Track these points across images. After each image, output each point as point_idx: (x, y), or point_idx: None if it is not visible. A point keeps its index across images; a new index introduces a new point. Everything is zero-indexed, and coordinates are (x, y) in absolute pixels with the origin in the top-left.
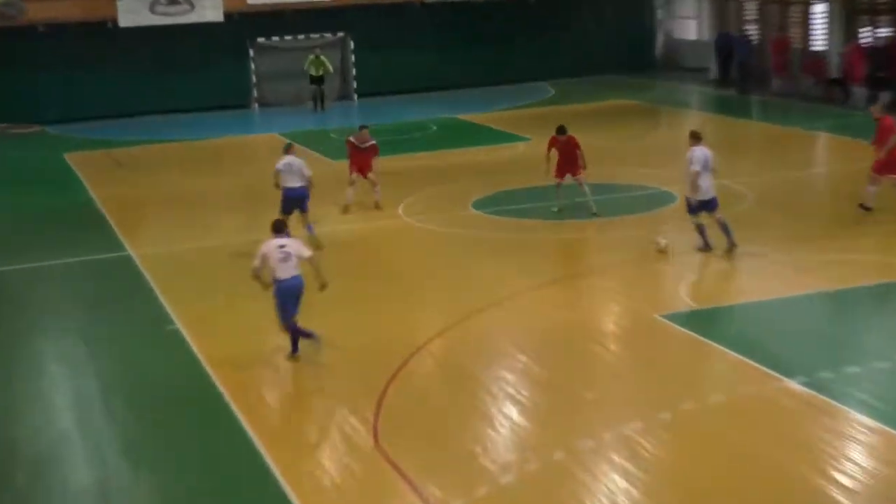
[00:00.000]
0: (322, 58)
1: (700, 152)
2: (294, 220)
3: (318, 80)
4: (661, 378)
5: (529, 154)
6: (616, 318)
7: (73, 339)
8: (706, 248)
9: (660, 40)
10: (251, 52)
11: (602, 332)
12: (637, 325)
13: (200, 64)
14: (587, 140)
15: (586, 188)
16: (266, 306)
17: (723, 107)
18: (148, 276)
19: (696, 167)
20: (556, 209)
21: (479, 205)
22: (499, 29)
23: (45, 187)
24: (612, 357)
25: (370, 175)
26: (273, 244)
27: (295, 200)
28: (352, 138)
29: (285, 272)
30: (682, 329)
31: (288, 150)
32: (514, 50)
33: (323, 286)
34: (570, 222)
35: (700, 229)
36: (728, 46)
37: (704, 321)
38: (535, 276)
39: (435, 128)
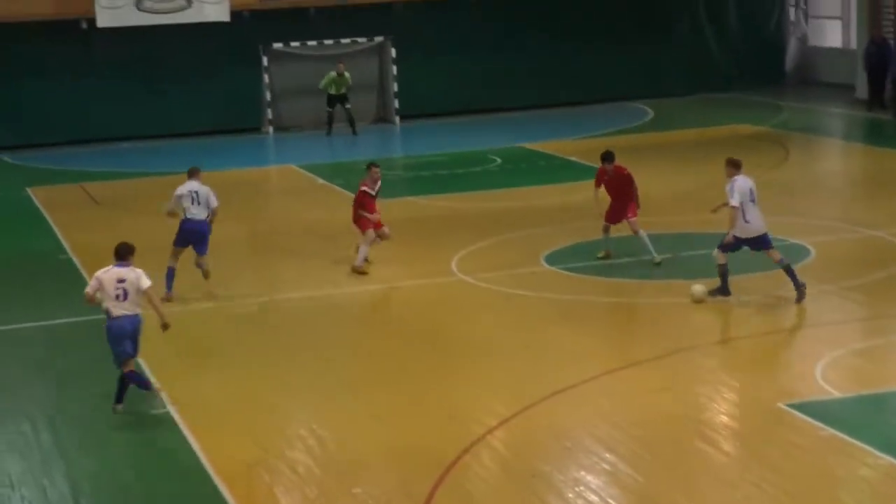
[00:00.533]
0: (346, 75)
1: (742, 182)
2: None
3: (339, 99)
4: (788, 488)
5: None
6: (729, 407)
7: (34, 425)
8: (724, 293)
9: (791, 48)
10: (265, 62)
11: (711, 425)
12: (757, 416)
13: (200, 76)
14: (693, 175)
15: (643, 234)
16: (274, 381)
17: (874, 135)
18: None
19: (735, 201)
20: (600, 255)
21: (553, 259)
22: (581, 33)
23: (4, 231)
24: (724, 459)
25: (385, 230)
26: (112, 275)
27: (195, 234)
28: (365, 187)
29: (119, 309)
30: (816, 423)
31: (193, 174)
32: (602, 60)
33: (165, 327)
34: (668, 282)
35: (722, 271)
36: (882, 57)
37: (846, 413)
38: (625, 352)
39: (498, 160)
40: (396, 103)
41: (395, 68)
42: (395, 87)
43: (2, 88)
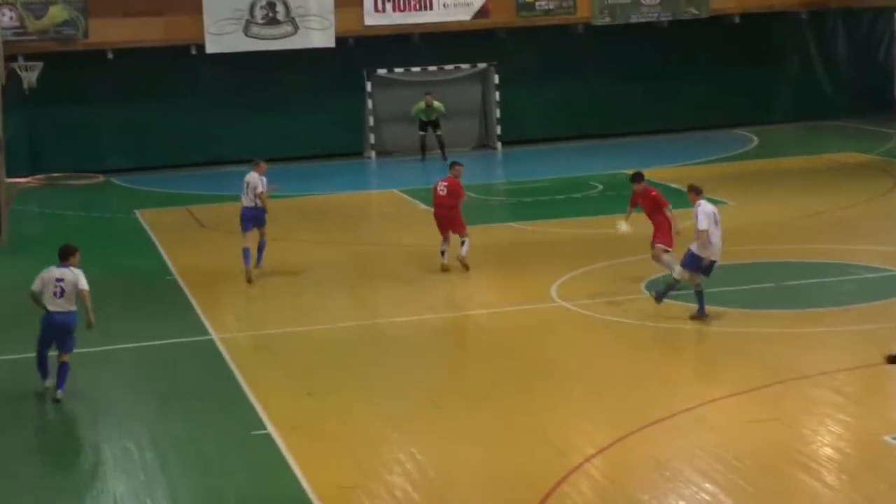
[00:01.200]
0: (436, 105)
1: (708, 207)
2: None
3: (430, 124)
4: None
5: (725, 222)
6: (833, 439)
7: (139, 443)
8: (700, 315)
9: None
10: (368, 87)
11: (814, 457)
12: (862, 449)
13: (304, 101)
14: (799, 204)
15: (666, 259)
16: (373, 405)
17: None
18: (233, 365)
19: (704, 225)
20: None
21: (653, 286)
22: (684, 59)
23: (112, 253)
24: (828, 492)
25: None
26: (52, 274)
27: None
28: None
29: (55, 305)
30: None
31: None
32: (705, 85)
33: (88, 325)
34: (769, 311)
35: (699, 294)
36: None
37: None
38: (726, 381)
39: (600, 186)
40: (499, 129)
41: (497, 94)
42: (498, 113)
43: (114, 113)
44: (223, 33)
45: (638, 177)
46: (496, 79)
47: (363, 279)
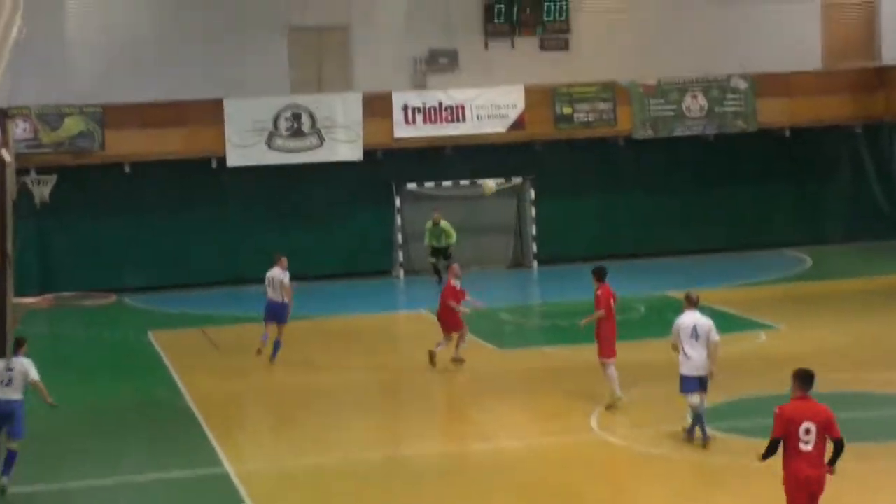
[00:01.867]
0: (443, 224)
1: (683, 319)
2: None
3: (441, 253)
4: None
5: (776, 348)
6: None
7: None
8: (690, 436)
9: None
10: (397, 202)
11: None
12: None
13: (330, 216)
14: (854, 329)
15: (609, 375)
16: None
17: None
18: (249, 501)
19: (673, 338)
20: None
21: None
22: (731, 174)
23: (123, 377)
24: None
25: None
26: (2, 364)
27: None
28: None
29: (1, 393)
30: None
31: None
32: (753, 202)
33: (52, 405)
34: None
35: (697, 416)
36: None
37: None
38: None
39: (642, 309)
40: (534, 247)
41: (533, 210)
42: (534, 230)
43: (129, 229)
44: (245, 145)
45: (598, 271)
46: (532, 193)
47: (388, 405)
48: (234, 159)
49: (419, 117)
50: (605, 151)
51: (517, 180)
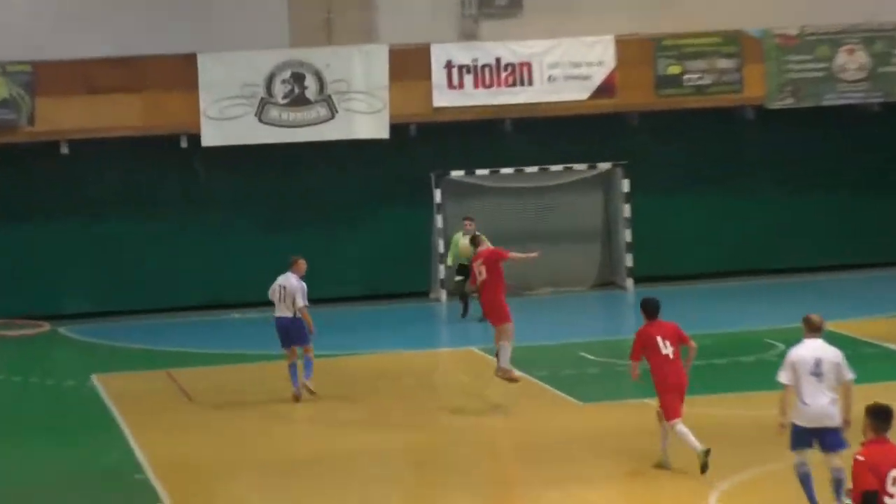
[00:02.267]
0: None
1: (797, 352)
2: None
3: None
4: None
5: None
6: None
7: None
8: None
9: None
10: (437, 197)
11: None
12: None
13: (345, 218)
14: None
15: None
16: None
17: None
18: None
19: (784, 377)
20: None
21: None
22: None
23: (60, 440)
24: None
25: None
26: None
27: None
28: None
29: None
30: None
31: None
32: None
33: None
34: None
35: (803, 479)
36: None
37: None
38: None
39: (780, 346)
40: (630, 259)
41: (628, 208)
42: (629, 236)
43: (68, 233)
44: (227, 117)
45: (650, 306)
46: (625, 185)
47: (425, 479)
48: (211, 137)
49: (468, 79)
50: (726, 127)
51: (604, 167)
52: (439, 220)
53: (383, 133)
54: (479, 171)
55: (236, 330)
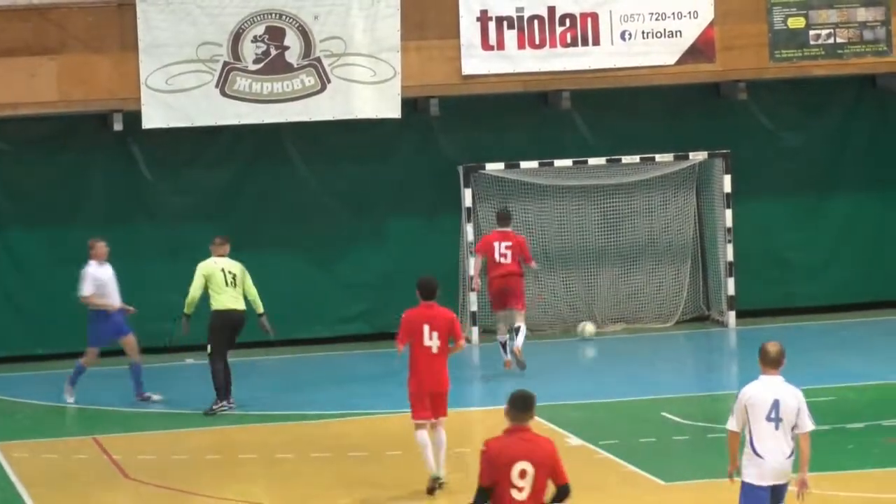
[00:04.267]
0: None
1: (748, 392)
2: None
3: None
4: None
5: None
6: None
7: None
8: None
9: None
10: (467, 199)
11: None
12: None
13: (341, 231)
14: None
15: None
16: None
17: None
18: None
19: (732, 425)
20: None
21: None
22: None
23: None
24: None
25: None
26: None
27: None
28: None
29: None
30: None
31: None
32: None
33: None
34: None
35: None
36: None
37: None
38: None
39: None
40: (731, 285)
41: (729, 214)
42: (730, 253)
43: None
44: (176, 89)
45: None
46: (726, 183)
47: None
48: (154, 116)
49: (510, 37)
50: (867, 103)
51: (697, 158)
52: (469, 231)
53: (393, 111)
54: (525, 164)
55: (186, 380)
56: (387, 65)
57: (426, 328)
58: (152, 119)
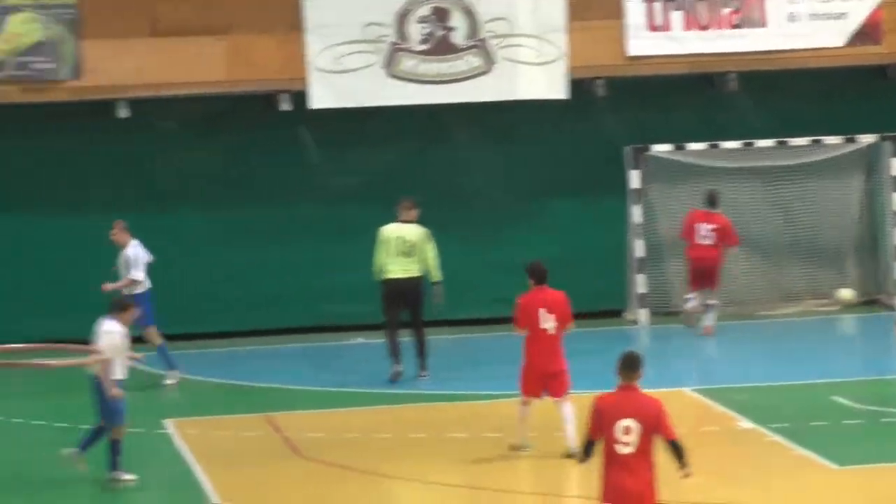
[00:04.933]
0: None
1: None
2: None
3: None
4: None
5: None
6: None
7: None
8: None
9: None
10: (634, 181)
11: None
12: None
13: (499, 207)
14: None
15: None
16: None
17: None
18: None
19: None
20: None
21: None
22: None
23: None
24: None
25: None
26: None
27: None
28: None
29: None
30: None
31: None
32: None
33: None
34: None
35: None
36: None
37: None
38: None
39: None
40: None
41: None
42: None
43: (134, 227)
44: (343, 70)
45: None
46: (894, 166)
47: None
48: (321, 97)
49: (676, 18)
50: None
51: (866, 140)
52: (636, 213)
53: (560, 92)
54: (692, 146)
55: (355, 360)
56: (552, 45)
57: (542, 311)
58: (320, 99)
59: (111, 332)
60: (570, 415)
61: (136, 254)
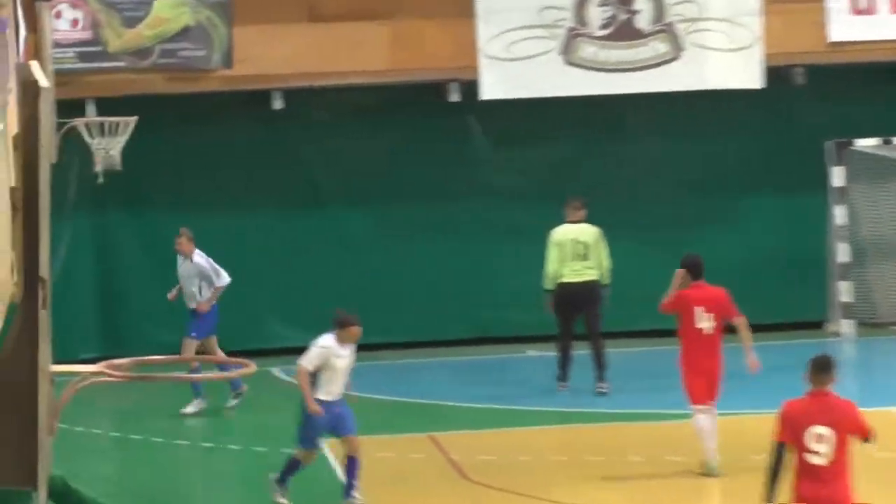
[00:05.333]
0: None
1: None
2: None
3: None
4: None
5: None
6: None
7: None
8: None
9: None
10: (835, 178)
11: None
12: None
13: (688, 205)
14: None
15: None
16: None
17: None
18: None
19: None
20: None
21: None
22: None
23: None
24: None
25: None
26: None
27: None
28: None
29: None
30: None
31: None
32: None
33: None
34: None
35: None
36: None
37: None
38: None
39: None
40: None
41: None
42: None
43: (267, 230)
44: (517, 57)
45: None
46: None
47: None
48: (493, 87)
49: (882, 1)
50: None
51: None
52: (839, 213)
53: (754, 81)
54: None
55: (526, 374)
56: (746, 30)
57: (698, 310)
58: (492, 89)
59: (319, 347)
60: (714, 427)
61: (208, 262)
